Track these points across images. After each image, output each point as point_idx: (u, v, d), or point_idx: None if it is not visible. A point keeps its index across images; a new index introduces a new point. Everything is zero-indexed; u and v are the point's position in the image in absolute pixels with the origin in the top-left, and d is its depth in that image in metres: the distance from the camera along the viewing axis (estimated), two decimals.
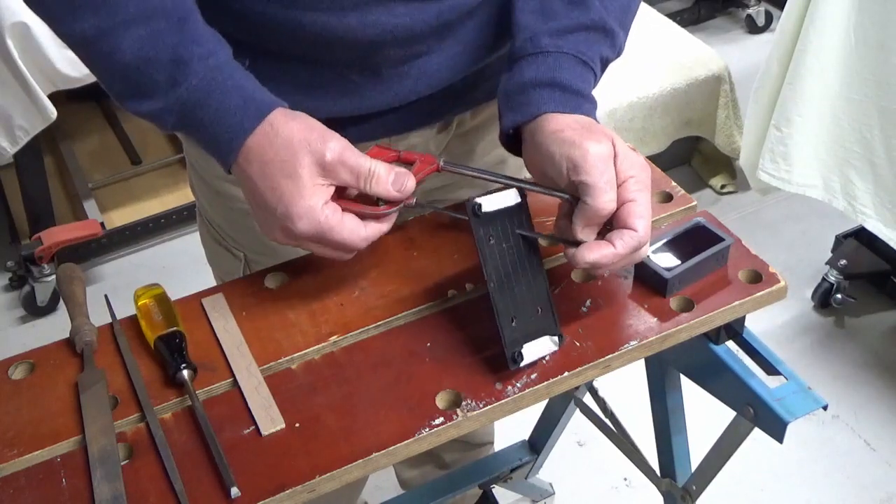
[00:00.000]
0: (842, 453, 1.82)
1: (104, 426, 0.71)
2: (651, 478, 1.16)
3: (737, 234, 0.86)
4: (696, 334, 0.82)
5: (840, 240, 2.08)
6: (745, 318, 0.86)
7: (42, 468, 0.70)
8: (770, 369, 0.88)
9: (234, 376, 0.76)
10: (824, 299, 2.05)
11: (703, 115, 2.32)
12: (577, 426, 1.46)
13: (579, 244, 0.74)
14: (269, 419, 0.72)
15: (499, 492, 1.58)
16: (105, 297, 0.85)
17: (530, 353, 0.75)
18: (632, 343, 0.78)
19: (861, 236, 2.04)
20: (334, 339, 0.79)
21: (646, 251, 0.76)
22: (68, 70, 1.90)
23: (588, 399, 1.29)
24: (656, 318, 0.80)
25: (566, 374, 0.75)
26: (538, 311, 0.77)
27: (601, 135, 0.74)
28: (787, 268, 2.12)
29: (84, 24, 0.72)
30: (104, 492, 0.66)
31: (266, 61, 0.82)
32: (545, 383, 0.75)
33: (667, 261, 0.82)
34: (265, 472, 0.68)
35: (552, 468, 1.64)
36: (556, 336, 0.77)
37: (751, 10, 3.04)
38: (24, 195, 2.18)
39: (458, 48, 0.87)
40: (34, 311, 2.15)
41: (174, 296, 0.82)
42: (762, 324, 1.94)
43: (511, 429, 1.48)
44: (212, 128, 0.74)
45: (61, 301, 1.38)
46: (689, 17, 3.06)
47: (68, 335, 0.79)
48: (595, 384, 1.23)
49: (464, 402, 0.73)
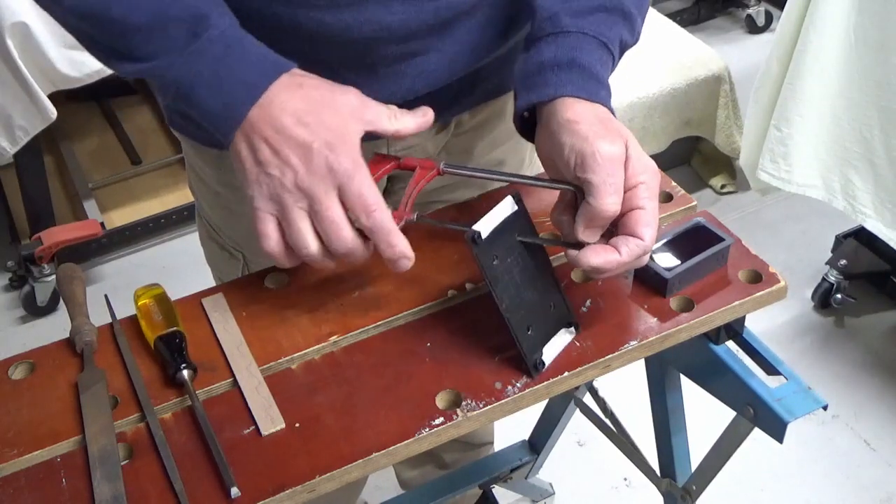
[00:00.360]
0: (842, 453, 1.82)
1: (104, 426, 0.71)
2: (651, 478, 1.16)
3: (737, 234, 0.86)
4: (696, 334, 0.82)
5: (840, 240, 2.08)
6: (745, 318, 0.86)
7: (42, 468, 0.70)
8: (770, 369, 0.88)
9: (234, 376, 0.76)
10: (824, 299, 2.05)
11: (703, 115, 2.32)
12: (577, 426, 1.46)
13: (581, 246, 0.73)
14: (269, 419, 0.72)
15: (499, 492, 1.58)
16: (105, 297, 0.85)
17: (549, 353, 0.75)
18: (632, 343, 0.78)
19: (861, 236, 2.04)
20: (334, 339, 0.79)
21: (647, 258, 0.75)
22: (68, 70, 1.90)
23: (588, 399, 1.29)
24: (656, 318, 0.80)
25: (566, 374, 0.75)
26: (552, 308, 0.77)
27: (616, 135, 0.73)
28: (787, 268, 2.12)
29: None
30: (104, 492, 0.66)
31: None
32: (545, 383, 0.75)
33: (667, 261, 0.82)
34: (265, 472, 0.68)
35: (552, 468, 1.64)
36: (571, 326, 0.77)
37: (751, 10, 3.04)
38: (24, 195, 2.18)
39: (456, 48, 0.86)
40: (34, 311, 2.15)
41: (174, 296, 0.82)
42: (762, 324, 1.94)
43: (511, 429, 1.48)
44: (231, 76, 0.73)
45: (61, 301, 1.38)
46: (689, 17, 3.06)
47: (68, 335, 0.79)
48: (595, 384, 1.23)
49: (464, 402, 0.73)
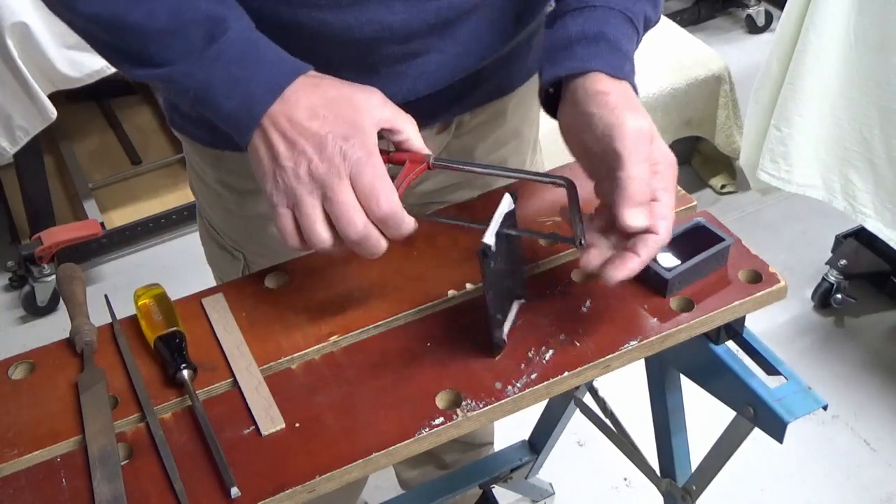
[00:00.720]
0: (842, 453, 1.82)
1: (104, 426, 0.71)
2: (651, 478, 1.16)
3: (737, 234, 0.86)
4: (696, 334, 0.82)
5: (840, 240, 2.08)
6: (745, 318, 0.86)
7: (42, 468, 0.70)
8: (770, 369, 0.88)
9: (234, 376, 0.76)
10: (824, 299, 2.05)
11: (703, 115, 2.32)
12: (577, 426, 1.46)
13: (580, 244, 0.73)
14: (269, 419, 0.72)
15: (499, 492, 1.58)
16: (105, 297, 0.85)
17: (506, 329, 0.77)
18: (632, 343, 0.77)
19: (861, 236, 2.04)
20: (334, 339, 0.79)
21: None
22: (68, 70, 1.90)
23: (588, 399, 1.29)
24: (656, 318, 0.80)
25: (566, 374, 0.75)
26: (513, 288, 0.80)
27: (643, 113, 0.74)
28: (787, 268, 2.12)
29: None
30: (104, 492, 0.66)
31: None
32: (545, 383, 0.75)
33: (667, 261, 0.82)
34: (265, 472, 0.68)
35: (552, 468, 1.64)
36: (521, 298, 0.80)
37: (751, 10, 3.04)
38: (24, 195, 2.18)
39: (457, 48, 0.86)
40: (34, 311, 2.15)
41: (174, 296, 0.82)
42: (762, 324, 1.94)
43: (511, 429, 1.48)
44: (249, 79, 0.73)
45: (61, 301, 1.38)
46: (689, 17, 3.06)
47: (68, 335, 0.79)
48: (595, 384, 1.23)
49: (464, 402, 0.73)
